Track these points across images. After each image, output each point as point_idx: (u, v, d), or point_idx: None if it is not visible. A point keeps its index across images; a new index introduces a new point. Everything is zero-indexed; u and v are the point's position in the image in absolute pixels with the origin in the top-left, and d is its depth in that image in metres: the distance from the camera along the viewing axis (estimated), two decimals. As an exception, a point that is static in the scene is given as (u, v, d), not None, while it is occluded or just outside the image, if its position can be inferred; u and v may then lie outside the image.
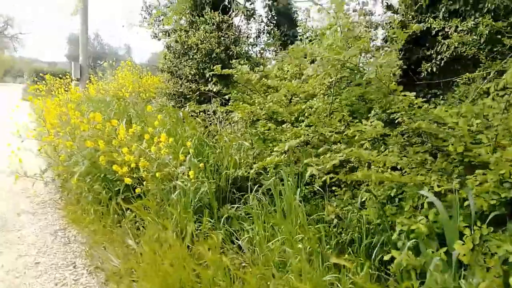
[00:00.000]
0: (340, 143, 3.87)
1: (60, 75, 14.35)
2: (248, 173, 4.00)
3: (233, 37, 6.33)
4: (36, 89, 6.69)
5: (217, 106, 5.59)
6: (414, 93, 2.93)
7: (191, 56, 6.63)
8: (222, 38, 6.30)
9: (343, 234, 3.05)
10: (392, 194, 2.76)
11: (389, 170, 3.00)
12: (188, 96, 7.00)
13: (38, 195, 5.61)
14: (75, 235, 4.49)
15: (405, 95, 2.90)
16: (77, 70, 17.17)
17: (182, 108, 6.60)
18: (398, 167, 2.96)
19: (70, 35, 40.59)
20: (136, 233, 3.87)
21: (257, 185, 4.17)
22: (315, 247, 2.78)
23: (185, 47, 6.58)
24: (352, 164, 3.61)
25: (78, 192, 4.42)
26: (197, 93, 7.06)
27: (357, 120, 4.15)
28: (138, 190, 3.63)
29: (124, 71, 11.27)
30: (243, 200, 4.00)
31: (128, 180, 3.64)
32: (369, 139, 3.22)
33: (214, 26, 6.34)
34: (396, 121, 3.41)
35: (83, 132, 4.28)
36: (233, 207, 3.83)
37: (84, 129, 3.93)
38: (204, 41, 6.19)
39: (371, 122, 3.52)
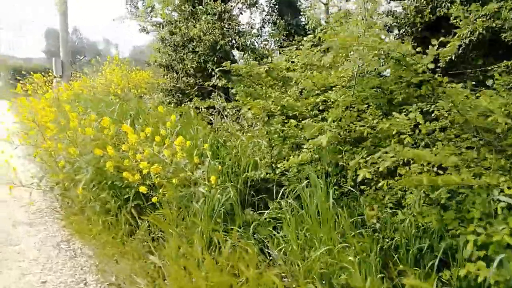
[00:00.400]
0: (369, 138, 3.63)
1: (41, 72, 13.66)
2: (270, 174, 3.72)
3: (237, 27, 5.98)
4: (22, 88, 6.25)
5: (222, 102, 5.27)
6: (461, 84, 2.69)
7: (191, 49, 6.26)
8: (225, 29, 5.95)
9: (387, 240, 2.81)
10: (444, 196, 2.53)
11: (434, 168, 2.77)
12: (187, 92, 6.64)
13: (34, 204, 5.22)
14: (81, 248, 4.15)
15: (452, 87, 2.66)
16: (59, 66, 16.47)
17: (183, 104, 6.25)
18: (443, 166, 2.72)
19: (47, 30, 39.06)
20: (153, 245, 3.56)
21: (276, 187, 3.92)
22: (363, 257, 2.53)
23: (185, 39, 6.20)
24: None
25: (82, 201, 4.07)
26: (196, 88, 6.71)
27: (381, 113, 3.91)
28: (155, 199, 3.31)
29: (112, 66, 10.76)
30: (267, 204, 3.73)
31: (143, 189, 3.32)
32: (409, 133, 2.98)
33: (216, 16, 5.98)
34: (433, 114, 3.17)
35: (86, 136, 3.91)
36: (258, 212, 3.55)
37: (89, 133, 3.57)
38: (207, 33, 5.82)
39: (405, 114, 3.28)
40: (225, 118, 5.26)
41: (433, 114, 3.16)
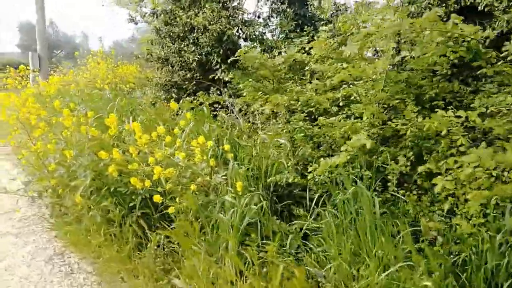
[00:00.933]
0: (407, 137, 3.25)
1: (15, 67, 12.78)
2: (296, 178, 3.32)
3: (242, 16, 5.52)
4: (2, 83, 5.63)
5: (228, 97, 4.82)
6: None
7: (191, 40, 5.76)
8: (231, 18, 5.47)
9: (451, 256, 2.44)
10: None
11: (505, 173, 2.41)
12: (184, 87, 6.15)
13: (19, 211, 4.65)
14: (78, 262, 3.64)
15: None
16: (36, 61, 15.54)
17: (181, 100, 5.77)
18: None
19: (21, 23, 37.38)
20: (166, 261, 3.10)
21: (302, 192, 3.52)
22: (435, 279, 2.16)
23: (186, 29, 5.69)
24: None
25: (81, 210, 3.56)
26: (193, 82, 6.23)
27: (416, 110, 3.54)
28: (172, 209, 2.85)
29: (97, 59, 10.11)
30: (291, 211, 3.32)
31: (157, 198, 2.84)
32: (464, 134, 2.62)
33: (220, 4, 5.48)
34: (489, 112, 2.82)
35: (82, 136, 3.41)
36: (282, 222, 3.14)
37: (93, 134, 3.07)
38: (212, 22, 5.32)
39: (452, 110, 2.92)
40: (232, 114, 4.81)
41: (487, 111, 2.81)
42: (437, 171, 2.36)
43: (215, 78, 5.43)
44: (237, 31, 5.64)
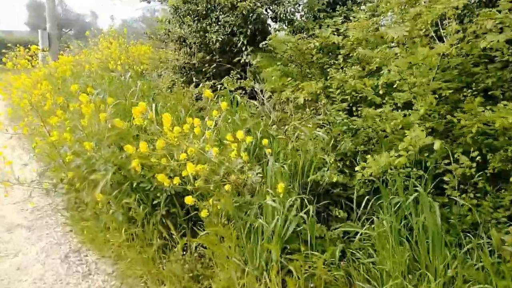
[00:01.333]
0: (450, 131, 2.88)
1: (25, 46, 12.44)
2: (340, 177, 2.98)
3: (271, -7, 5.09)
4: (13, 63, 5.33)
5: (254, 83, 4.46)
6: None
7: (214, 19, 5.36)
8: (260, -6, 5.06)
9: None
10: None
11: None
12: (203, 70, 5.78)
13: (31, 201, 4.39)
14: (96, 262, 3.37)
15: None
16: (45, 39, 15.19)
17: (201, 85, 5.41)
18: None
19: (30, 1, 36.71)
20: (194, 267, 2.81)
21: (341, 191, 3.20)
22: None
23: (209, 7, 5.28)
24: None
25: (101, 208, 3.27)
26: (214, 65, 5.85)
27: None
28: (204, 213, 2.53)
29: (109, 39, 9.74)
30: (329, 212, 3.01)
31: (189, 200, 2.52)
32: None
33: (244, -22, 5.03)
34: None
35: (101, 125, 3.09)
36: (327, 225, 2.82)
37: (119, 124, 2.75)
38: (240, -1, 4.89)
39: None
40: (257, 101, 4.46)
41: None
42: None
43: (240, 61, 5.04)
44: (266, 10, 5.22)
